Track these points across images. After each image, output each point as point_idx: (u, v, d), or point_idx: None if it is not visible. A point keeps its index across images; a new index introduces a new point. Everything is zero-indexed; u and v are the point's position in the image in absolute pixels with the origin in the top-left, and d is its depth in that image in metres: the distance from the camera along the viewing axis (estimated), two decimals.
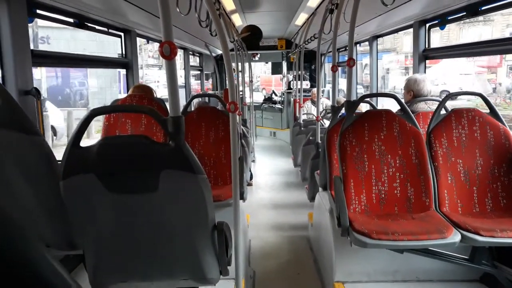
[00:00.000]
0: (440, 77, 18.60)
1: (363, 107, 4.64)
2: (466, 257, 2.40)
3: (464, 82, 18.12)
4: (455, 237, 2.13)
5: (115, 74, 16.70)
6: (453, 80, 18.46)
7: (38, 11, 2.46)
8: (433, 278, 2.63)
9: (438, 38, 21.47)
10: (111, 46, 14.53)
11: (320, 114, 4.86)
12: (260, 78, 25.02)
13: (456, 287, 2.57)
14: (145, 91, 3.23)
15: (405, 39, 22.88)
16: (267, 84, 22.79)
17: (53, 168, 1.57)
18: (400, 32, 4.47)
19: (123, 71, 4.06)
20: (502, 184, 2.50)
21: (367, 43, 5.51)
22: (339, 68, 7.71)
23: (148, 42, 4.86)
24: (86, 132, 1.59)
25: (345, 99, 3.00)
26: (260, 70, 26.84)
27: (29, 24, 2.30)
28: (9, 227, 0.42)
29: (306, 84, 9.77)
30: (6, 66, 2.16)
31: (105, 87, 17.58)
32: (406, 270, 2.64)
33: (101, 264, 1.71)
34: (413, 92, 3.26)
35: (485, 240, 2.10)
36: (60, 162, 1.56)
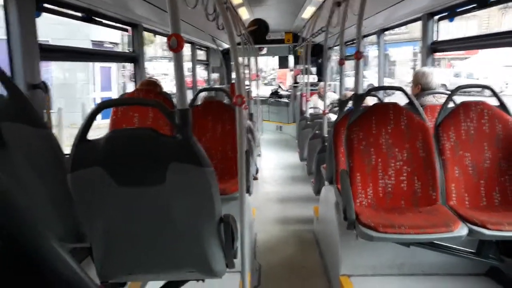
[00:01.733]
0: (481, 70, 16.86)
1: (370, 101, 4.61)
2: (472, 250, 2.39)
3: (510, 75, 16.10)
4: (462, 230, 2.12)
5: (86, 66, 12.70)
6: (496, 73, 16.46)
7: (46, 5, 2.47)
8: (439, 272, 2.63)
9: (476, 25, 19.44)
10: (82, 31, 11.18)
11: (327, 108, 4.84)
12: (276, 72, 24.68)
13: (462, 281, 2.56)
14: (153, 86, 3.24)
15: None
16: (284, 77, 22.43)
17: (61, 161, 1.59)
18: None
19: (99, 65, 4.00)
20: (510, 178, 2.47)
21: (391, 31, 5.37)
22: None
23: (155, 36, 4.86)
24: None
25: (352, 93, 2.99)
26: (275, 63, 26.50)
27: None
28: (19, 219, 0.43)
29: (313, 78, 9.72)
30: (15, 60, 2.18)
31: (73, 82, 13.03)
32: (412, 264, 2.64)
33: (108, 256, 1.72)
34: (421, 85, 3.22)
35: (492, 234, 2.08)
36: (68, 156, 1.57)
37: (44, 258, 0.42)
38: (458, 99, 2.78)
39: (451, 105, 2.67)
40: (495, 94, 2.62)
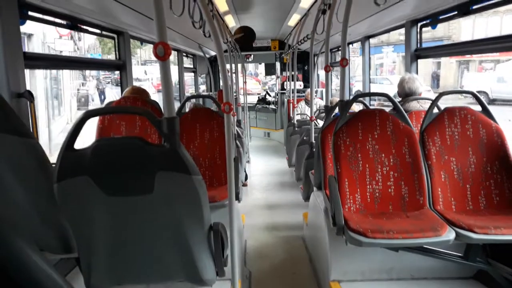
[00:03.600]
0: None
1: (356, 107, 4.66)
2: (460, 254, 2.42)
3: None
4: (449, 234, 2.14)
5: None
6: None
7: (30, 13, 2.45)
8: (427, 276, 2.65)
9: None
10: None
11: (314, 114, 4.88)
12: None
13: (450, 284, 2.59)
14: (140, 94, 3.22)
15: (465, 24, 18.25)
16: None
17: (47, 170, 1.56)
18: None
19: None
20: (495, 182, 2.52)
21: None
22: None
23: (142, 44, 4.84)
24: None
25: (338, 99, 3.01)
26: None
27: None
28: (2, 230, 0.42)
29: (299, 85, 9.79)
30: None
31: None
32: (400, 268, 2.66)
33: (97, 267, 1.70)
34: (398, 92, 3.32)
35: (479, 237, 2.11)
36: (54, 165, 1.55)
37: (23, 270, 0.41)
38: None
39: (435, 111, 2.72)
40: (477, 99, 2.68)
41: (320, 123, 5.43)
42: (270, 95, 11.51)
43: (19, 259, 0.42)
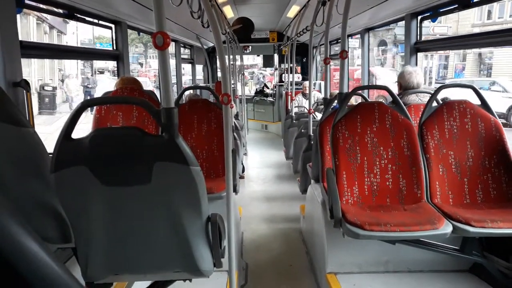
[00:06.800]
0: None
1: (355, 100, 4.65)
2: (456, 247, 2.43)
3: None
4: (446, 228, 2.15)
5: None
6: None
7: (27, 1, 2.42)
8: (423, 269, 2.67)
9: None
10: None
11: (312, 106, 4.87)
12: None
13: (446, 277, 2.61)
14: (134, 84, 3.19)
15: None
16: None
17: (45, 160, 1.55)
18: None
19: None
20: (493, 176, 2.52)
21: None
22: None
23: (139, 34, 4.80)
24: None
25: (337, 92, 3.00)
26: None
27: None
28: (1, 218, 0.42)
29: (298, 77, 9.77)
30: None
31: None
32: (397, 261, 2.67)
33: (94, 256, 1.69)
34: (401, 85, 3.30)
35: (476, 231, 2.12)
36: (51, 155, 1.54)
37: (24, 260, 0.41)
38: None
39: (434, 104, 2.71)
40: (477, 93, 2.67)
41: (318, 115, 5.43)
42: (268, 87, 11.48)
43: (19, 248, 0.41)
